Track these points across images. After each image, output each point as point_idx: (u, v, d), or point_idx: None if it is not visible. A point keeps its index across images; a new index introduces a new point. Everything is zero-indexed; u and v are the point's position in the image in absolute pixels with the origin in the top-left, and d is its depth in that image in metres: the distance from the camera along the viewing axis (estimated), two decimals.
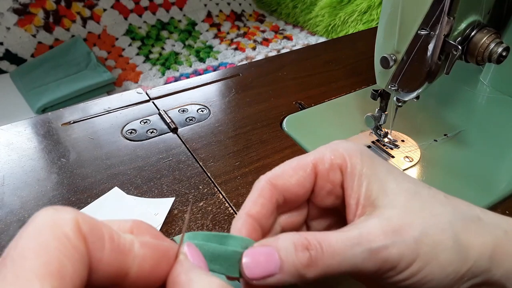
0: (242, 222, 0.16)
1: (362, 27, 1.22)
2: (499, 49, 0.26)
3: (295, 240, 0.15)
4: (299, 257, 0.14)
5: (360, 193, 0.16)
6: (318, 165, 0.17)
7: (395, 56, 0.28)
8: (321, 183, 0.17)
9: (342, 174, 0.17)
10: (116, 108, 0.40)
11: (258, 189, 0.17)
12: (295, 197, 0.17)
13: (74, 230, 0.10)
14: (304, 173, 0.17)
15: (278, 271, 0.14)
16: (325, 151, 0.17)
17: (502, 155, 0.35)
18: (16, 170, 0.33)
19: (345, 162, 0.17)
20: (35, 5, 1.24)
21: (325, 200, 0.18)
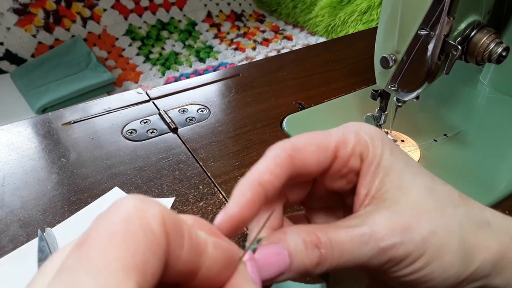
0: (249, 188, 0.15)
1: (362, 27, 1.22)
2: (499, 49, 0.26)
3: (305, 237, 0.14)
4: (310, 256, 0.14)
5: (373, 184, 0.16)
6: (341, 149, 0.16)
7: (395, 56, 0.28)
8: (338, 166, 0.16)
9: (361, 162, 0.16)
10: (116, 108, 0.40)
11: (275, 157, 0.15)
12: (307, 174, 0.16)
13: (159, 225, 0.10)
14: (326, 154, 0.16)
15: (286, 270, 0.14)
16: (348, 134, 0.17)
17: (502, 155, 0.35)
18: (17, 170, 0.33)
19: (367, 150, 0.16)
20: (35, 5, 1.24)
21: (335, 183, 0.17)
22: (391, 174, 0.16)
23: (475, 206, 0.17)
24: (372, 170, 0.16)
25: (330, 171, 0.17)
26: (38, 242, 0.26)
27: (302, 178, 0.17)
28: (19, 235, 0.27)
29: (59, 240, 0.27)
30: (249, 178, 0.15)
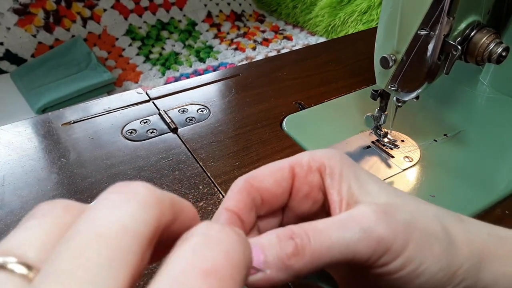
0: (224, 216, 0.16)
1: (362, 27, 1.22)
2: (499, 49, 0.26)
3: (279, 233, 0.14)
4: (283, 247, 0.13)
5: (343, 190, 0.16)
6: (296, 168, 0.17)
7: (394, 56, 0.29)
8: (298, 185, 0.17)
9: (321, 176, 0.17)
10: (116, 108, 0.40)
11: (235, 187, 0.17)
12: (272, 197, 0.17)
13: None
14: (282, 174, 0.17)
15: (262, 266, 0.13)
16: (302, 155, 0.17)
17: (502, 155, 0.35)
18: (16, 170, 0.33)
19: (323, 165, 0.17)
20: (35, 5, 1.24)
21: (302, 205, 0.17)
22: (356, 182, 0.16)
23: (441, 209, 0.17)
24: (336, 179, 0.16)
25: (293, 192, 0.17)
26: None
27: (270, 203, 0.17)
28: None
29: None
30: (219, 208, 0.16)
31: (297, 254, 0.13)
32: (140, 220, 0.10)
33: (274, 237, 0.14)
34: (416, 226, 0.15)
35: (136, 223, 0.09)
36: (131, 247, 0.09)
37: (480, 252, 0.15)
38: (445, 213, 0.16)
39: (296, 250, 0.13)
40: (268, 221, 0.18)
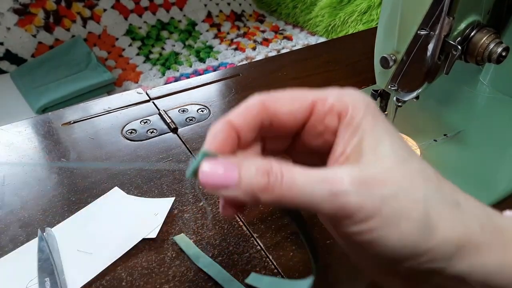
0: (221, 126, 0.16)
1: (362, 27, 1.22)
2: (499, 49, 0.26)
3: (258, 165, 0.15)
4: (257, 180, 0.15)
5: (349, 144, 0.16)
6: (318, 104, 0.17)
7: (395, 56, 0.29)
8: (314, 122, 0.17)
9: (339, 121, 0.16)
10: (116, 108, 0.40)
11: (246, 103, 0.17)
12: (282, 125, 0.17)
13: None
14: (300, 107, 0.17)
15: (234, 187, 0.15)
16: (330, 93, 0.17)
17: (502, 155, 0.35)
18: (17, 170, 0.33)
19: (345, 111, 0.16)
20: (35, 5, 1.24)
21: (312, 141, 0.17)
22: (368, 138, 0.16)
23: (449, 187, 0.16)
24: (350, 131, 0.16)
25: (307, 127, 0.17)
26: (38, 242, 0.26)
27: (279, 129, 0.17)
28: (19, 235, 0.27)
29: (59, 240, 0.27)
30: (221, 120, 0.17)
31: (266, 190, 0.15)
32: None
33: (253, 167, 0.15)
34: (391, 203, 0.14)
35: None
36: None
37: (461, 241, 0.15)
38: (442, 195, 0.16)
39: (266, 187, 0.15)
40: (275, 143, 0.18)
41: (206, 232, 0.28)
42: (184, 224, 0.28)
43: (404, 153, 0.16)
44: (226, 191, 0.15)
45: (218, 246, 0.27)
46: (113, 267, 0.25)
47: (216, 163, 0.15)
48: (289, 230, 0.28)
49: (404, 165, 0.15)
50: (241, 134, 0.17)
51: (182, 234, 0.27)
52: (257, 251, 0.27)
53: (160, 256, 0.26)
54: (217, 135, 0.16)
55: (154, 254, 0.26)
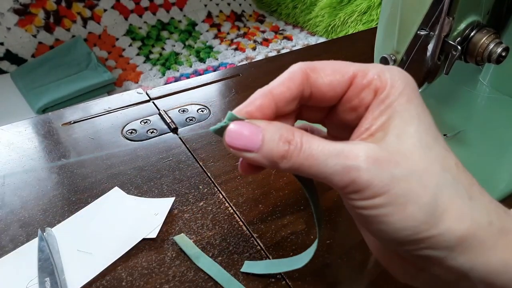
0: (261, 94, 0.17)
1: (362, 28, 1.22)
2: (499, 49, 0.26)
3: (282, 132, 0.16)
4: (279, 147, 0.16)
5: (377, 122, 0.16)
6: (357, 77, 0.17)
7: (394, 57, 0.29)
8: (351, 95, 0.17)
9: (374, 97, 0.16)
10: (117, 108, 0.40)
11: (290, 72, 0.17)
12: (321, 96, 0.17)
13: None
14: (341, 78, 0.17)
15: (256, 150, 0.16)
16: (372, 69, 0.17)
17: (502, 155, 0.35)
18: (17, 170, 0.33)
19: (383, 87, 0.16)
20: (35, 6, 1.24)
21: (347, 114, 0.17)
22: (397, 119, 0.16)
23: (467, 179, 0.16)
24: (381, 108, 0.16)
25: (343, 99, 0.17)
26: (38, 242, 0.26)
27: (317, 99, 0.17)
28: (19, 235, 0.27)
29: (59, 240, 0.27)
30: (263, 88, 0.17)
31: (285, 157, 0.16)
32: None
33: (277, 134, 0.16)
34: (401, 184, 0.15)
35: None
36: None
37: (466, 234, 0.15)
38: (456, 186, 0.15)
39: (286, 154, 0.16)
40: (312, 113, 0.19)
41: (206, 232, 0.28)
42: (184, 224, 0.28)
43: (429, 139, 0.16)
44: (248, 154, 0.16)
45: (218, 246, 0.27)
46: (113, 267, 0.25)
47: (243, 125, 0.16)
48: (289, 230, 0.28)
49: (425, 150, 0.15)
50: (280, 103, 0.17)
51: (182, 234, 0.27)
52: (257, 251, 0.27)
53: (160, 256, 0.26)
54: (255, 102, 0.17)
55: (154, 254, 0.26)
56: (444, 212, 0.15)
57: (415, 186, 0.15)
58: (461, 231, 0.15)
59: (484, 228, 0.15)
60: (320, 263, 0.26)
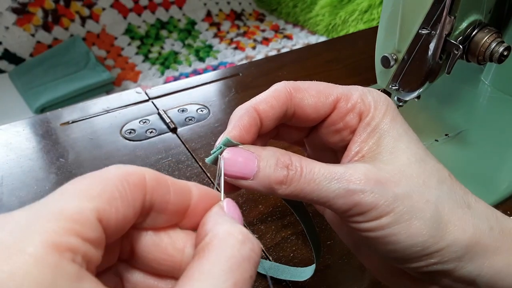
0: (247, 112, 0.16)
1: (363, 26, 1.22)
2: (500, 48, 0.26)
3: (279, 156, 0.15)
4: (276, 172, 0.15)
5: (366, 144, 0.16)
6: (341, 101, 0.17)
7: (396, 56, 0.28)
8: (335, 118, 0.17)
9: (359, 121, 0.16)
10: (115, 108, 0.40)
11: (273, 91, 0.17)
12: (304, 117, 0.17)
13: (137, 179, 0.12)
14: (325, 101, 0.17)
15: (252, 177, 0.15)
16: (354, 92, 0.17)
17: (504, 155, 0.35)
18: (15, 170, 0.33)
19: (367, 110, 0.16)
20: (34, 5, 1.23)
21: (330, 136, 0.17)
22: (386, 138, 0.16)
23: (461, 189, 0.16)
24: (368, 131, 0.16)
25: (326, 122, 0.17)
26: None
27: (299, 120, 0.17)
28: None
29: None
30: (247, 104, 0.16)
31: (284, 183, 0.15)
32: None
33: (273, 158, 0.15)
34: (404, 202, 0.15)
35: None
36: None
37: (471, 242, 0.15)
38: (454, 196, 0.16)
39: (284, 180, 0.15)
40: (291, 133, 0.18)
41: None
42: None
43: (420, 153, 0.16)
44: (244, 182, 0.15)
45: None
46: None
47: (237, 151, 0.15)
48: (289, 231, 0.28)
49: (420, 165, 0.16)
50: (264, 121, 0.16)
51: None
52: None
53: None
54: (242, 121, 0.16)
55: None
56: (448, 224, 0.15)
57: (418, 202, 0.15)
58: (467, 240, 0.15)
59: (486, 233, 0.15)
60: (321, 264, 0.26)
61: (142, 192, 0.12)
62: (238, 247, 0.12)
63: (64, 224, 0.10)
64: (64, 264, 0.10)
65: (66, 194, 0.11)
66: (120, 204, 0.12)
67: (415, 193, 0.15)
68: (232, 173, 0.15)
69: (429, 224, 0.15)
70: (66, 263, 0.10)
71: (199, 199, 0.14)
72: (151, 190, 0.13)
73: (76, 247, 0.10)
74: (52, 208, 0.11)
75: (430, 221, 0.15)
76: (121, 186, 0.12)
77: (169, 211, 0.13)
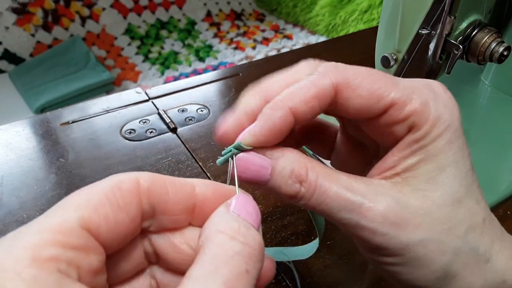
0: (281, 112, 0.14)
1: (363, 27, 1.22)
2: (500, 48, 0.26)
3: (295, 168, 0.14)
4: (288, 187, 0.14)
5: (405, 162, 0.14)
6: (395, 107, 0.14)
7: (396, 56, 0.28)
8: (382, 123, 0.14)
9: (408, 132, 0.14)
10: (115, 108, 0.40)
11: (317, 87, 0.14)
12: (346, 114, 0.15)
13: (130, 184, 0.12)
14: (375, 105, 0.14)
15: (263, 183, 0.14)
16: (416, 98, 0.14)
17: (504, 156, 0.35)
18: (15, 170, 0.33)
19: (421, 125, 0.14)
20: (34, 5, 1.23)
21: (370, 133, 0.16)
22: (430, 164, 0.14)
23: (490, 237, 0.15)
24: (413, 148, 0.14)
25: (371, 123, 0.15)
26: None
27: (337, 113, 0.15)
28: None
29: None
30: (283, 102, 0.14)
31: (294, 198, 0.14)
32: None
33: (288, 171, 0.14)
34: (416, 249, 0.14)
35: None
36: None
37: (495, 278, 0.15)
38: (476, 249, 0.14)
39: (295, 194, 0.14)
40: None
41: None
42: None
43: (461, 191, 0.14)
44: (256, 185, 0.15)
45: None
46: None
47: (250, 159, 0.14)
48: (289, 231, 0.28)
49: (453, 208, 0.14)
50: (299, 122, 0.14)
51: None
52: None
53: None
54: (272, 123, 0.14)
55: None
56: (456, 275, 0.14)
57: (432, 251, 0.14)
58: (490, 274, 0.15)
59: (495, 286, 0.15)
60: (321, 264, 0.26)
61: (137, 196, 0.12)
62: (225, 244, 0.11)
63: (45, 236, 0.11)
64: (42, 275, 0.10)
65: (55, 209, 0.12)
66: (110, 210, 0.12)
67: (433, 242, 0.14)
68: (245, 178, 0.15)
69: (435, 274, 0.14)
70: (45, 274, 0.10)
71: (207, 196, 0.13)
72: (147, 192, 0.12)
73: (57, 256, 0.10)
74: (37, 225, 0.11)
75: (437, 271, 0.14)
76: (111, 193, 0.12)
77: (171, 211, 0.13)
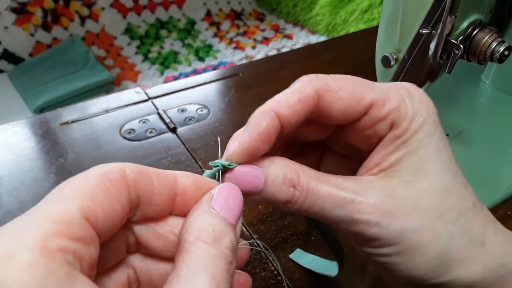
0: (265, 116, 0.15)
1: (363, 26, 1.21)
2: (501, 48, 0.26)
3: (287, 173, 0.14)
4: (282, 193, 0.14)
5: (390, 158, 0.15)
6: (374, 107, 0.14)
7: (396, 55, 0.28)
8: (364, 125, 0.15)
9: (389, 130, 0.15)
10: (115, 107, 0.40)
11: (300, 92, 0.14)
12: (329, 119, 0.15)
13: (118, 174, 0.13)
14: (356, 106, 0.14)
15: (259, 194, 0.15)
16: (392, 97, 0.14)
17: (505, 155, 0.35)
18: (14, 170, 0.32)
19: (400, 121, 0.14)
20: (33, 4, 1.23)
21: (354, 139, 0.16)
22: (413, 156, 0.14)
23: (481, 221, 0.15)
24: (396, 144, 0.15)
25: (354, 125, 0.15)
26: None
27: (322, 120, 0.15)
28: None
29: None
30: (267, 107, 0.15)
31: (290, 202, 0.15)
32: None
33: (280, 177, 0.14)
34: (410, 237, 0.14)
35: None
36: None
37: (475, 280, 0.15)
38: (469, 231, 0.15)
39: (290, 199, 0.15)
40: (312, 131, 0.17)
41: None
42: None
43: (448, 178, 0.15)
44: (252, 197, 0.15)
45: None
46: None
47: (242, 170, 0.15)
48: (289, 231, 0.28)
49: (442, 195, 0.14)
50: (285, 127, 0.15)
51: None
52: (257, 252, 0.26)
53: None
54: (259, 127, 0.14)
55: None
56: (453, 262, 0.14)
57: (426, 238, 0.14)
58: (470, 278, 0.15)
59: (495, 271, 0.15)
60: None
61: (125, 185, 0.13)
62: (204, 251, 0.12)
63: (51, 227, 0.11)
64: (54, 267, 0.10)
65: (51, 200, 0.12)
66: (104, 199, 0.12)
67: (425, 228, 0.14)
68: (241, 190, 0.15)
69: (432, 261, 0.14)
70: (56, 265, 0.10)
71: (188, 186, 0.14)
72: (133, 182, 0.13)
73: (65, 247, 0.10)
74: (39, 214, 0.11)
75: (434, 258, 0.14)
76: (102, 183, 0.12)
77: (156, 201, 0.13)
